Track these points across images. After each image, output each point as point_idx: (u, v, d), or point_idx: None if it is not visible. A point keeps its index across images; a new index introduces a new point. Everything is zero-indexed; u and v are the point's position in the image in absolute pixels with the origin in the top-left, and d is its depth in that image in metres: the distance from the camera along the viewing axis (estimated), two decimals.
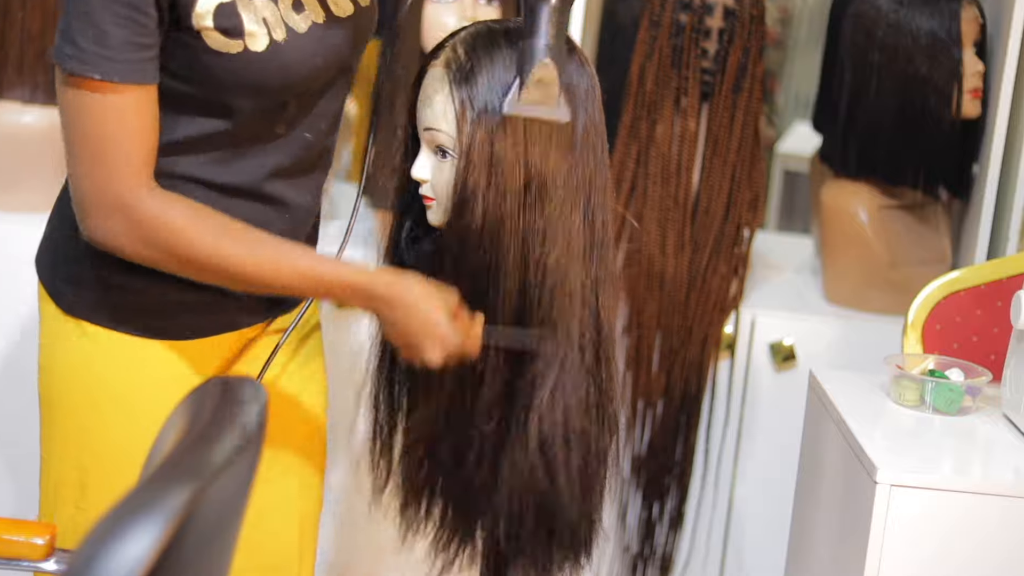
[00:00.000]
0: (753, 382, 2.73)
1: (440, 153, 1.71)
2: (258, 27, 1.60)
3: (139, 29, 1.54)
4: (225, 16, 1.58)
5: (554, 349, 1.73)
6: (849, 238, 2.78)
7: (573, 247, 1.72)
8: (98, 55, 1.54)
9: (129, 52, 1.54)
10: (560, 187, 1.70)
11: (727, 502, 2.77)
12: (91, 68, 1.54)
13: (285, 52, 1.63)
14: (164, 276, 1.67)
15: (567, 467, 1.77)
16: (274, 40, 1.61)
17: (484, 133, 1.67)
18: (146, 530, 0.97)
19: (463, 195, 1.69)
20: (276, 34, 1.62)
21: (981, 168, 2.68)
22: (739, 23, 2.65)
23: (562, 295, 1.72)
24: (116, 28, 1.53)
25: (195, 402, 1.27)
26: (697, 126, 2.68)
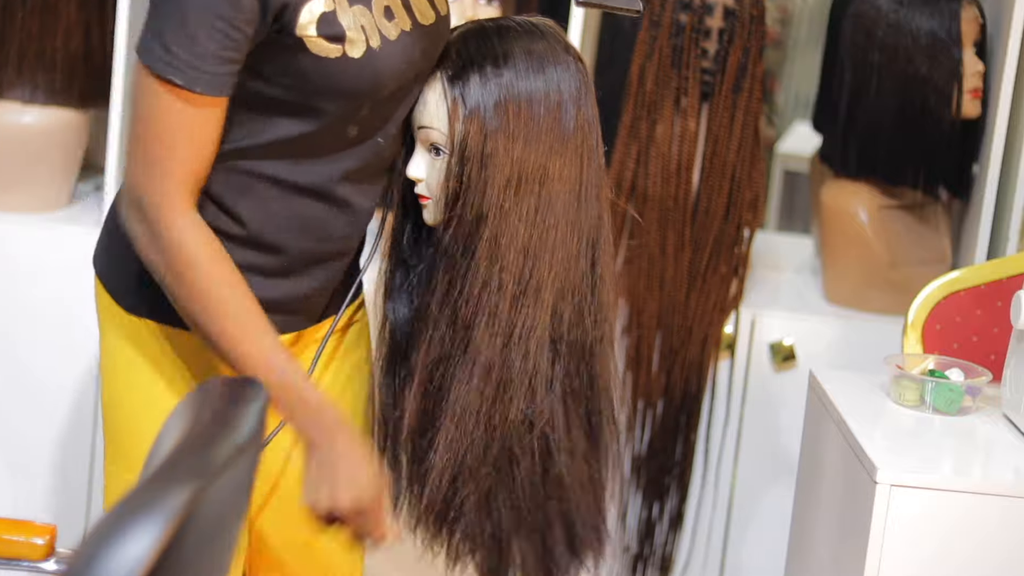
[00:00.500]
0: (753, 382, 2.73)
1: (434, 151, 1.72)
2: (357, 34, 1.62)
3: (230, 43, 1.55)
4: (327, 24, 1.60)
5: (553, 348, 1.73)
6: (849, 238, 2.78)
7: (568, 244, 1.72)
8: (187, 63, 1.55)
9: (216, 64, 1.56)
10: (553, 183, 1.70)
11: (727, 502, 2.77)
12: (176, 73, 1.55)
13: (379, 58, 1.64)
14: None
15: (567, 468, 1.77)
16: (370, 47, 1.63)
17: (476, 131, 1.67)
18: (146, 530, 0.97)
19: (456, 192, 1.69)
20: (372, 40, 1.63)
21: (981, 168, 2.68)
22: (739, 23, 2.65)
23: (559, 294, 1.72)
24: (209, 40, 1.54)
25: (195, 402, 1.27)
26: (697, 126, 2.68)
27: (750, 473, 2.75)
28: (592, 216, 1.74)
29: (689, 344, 2.69)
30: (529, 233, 1.70)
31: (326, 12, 1.59)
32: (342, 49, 1.61)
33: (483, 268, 1.70)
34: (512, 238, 1.70)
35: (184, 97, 1.57)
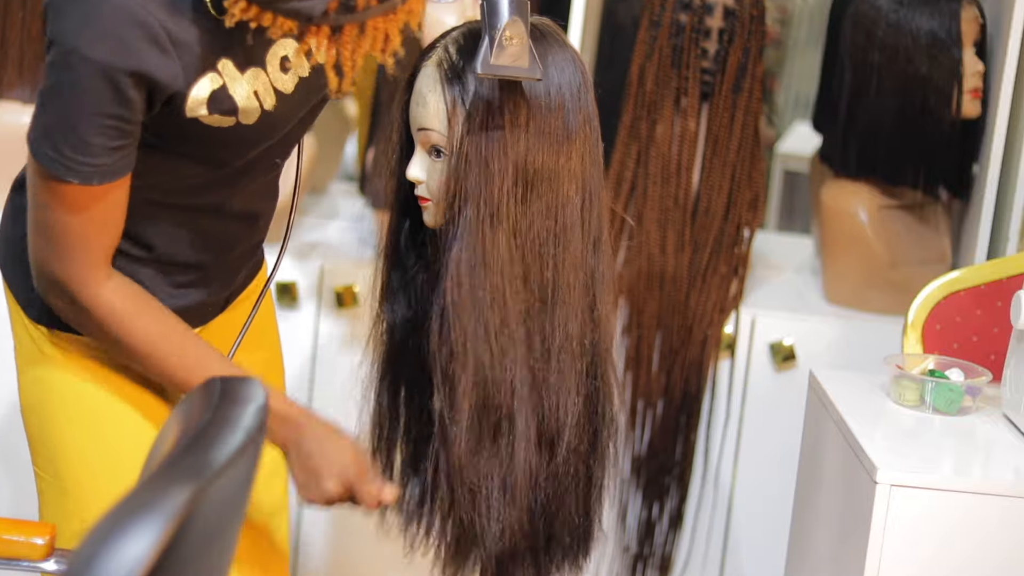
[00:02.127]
0: (753, 382, 2.73)
1: (434, 153, 1.71)
2: (250, 102, 1.60)
3: (119, 134, 1.53)
4: (218, 101, 1.58)
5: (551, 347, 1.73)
6: (849, 238, 2.78)
7: (569, 244, 1.72)
8: (79, 162, 1.53)
9: (109, 156, 1.54)
10: (560, 184, 1.70)
11: (727, 502, 2.77)
12: (71, 174, 1.53)
13: (273, 117, 1.64)
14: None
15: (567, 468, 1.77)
16: (265, 110, 1.62)
17: (476, 131, 1.67)
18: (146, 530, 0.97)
19: (459, 194, 1.69)
20: (267, 103, 1.62)
21: (981, 168, 2.68)
22: (739, 23, 2.65)
23: (559, 293, 1.72)
24: (99, 137, 1.52)
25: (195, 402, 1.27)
26: (697, 126, 2.68)
27: (750, 473, 2.75)
28: (595, 215, 1.74)
29: (689, 344, 2.69)
30: (537, 234, 1.70)
31: (216, 90, 1.57)
32: (235, 119, 1.61)
33: (490, 270, 1.70)
34: (520, 239, 1.70)
35: (85, 192, 1.55)
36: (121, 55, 1.48)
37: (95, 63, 1.47)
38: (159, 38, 1.49)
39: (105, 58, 1.47)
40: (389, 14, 1.45)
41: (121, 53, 1.48)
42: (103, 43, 1.47)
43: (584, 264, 1.74)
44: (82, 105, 1.50)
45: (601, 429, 1.80)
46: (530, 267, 1.71)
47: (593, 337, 1.76)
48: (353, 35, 1.46)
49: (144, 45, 1.48)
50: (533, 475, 1.77)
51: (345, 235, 2.94)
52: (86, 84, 1.48)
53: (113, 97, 1.49)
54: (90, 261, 1.60)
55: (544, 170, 1.69)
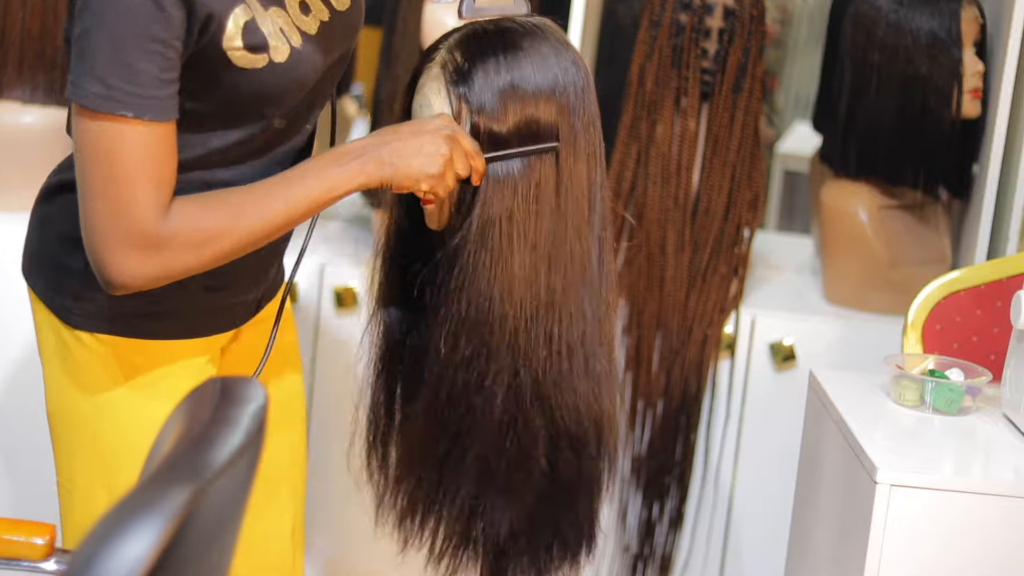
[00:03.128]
0: (753, 382, 2.73)
1: None
2: (278, 39, 1.62)
3: (167, 64, 1.53)
4: (251, 33, 1.59)
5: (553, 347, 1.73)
6: (849, 238, 2.78)
7: (572, 243, 1.72)
8: (131, 93, 1.52)
9: (159, 88, 1.53)
10: (568, 184, 1.70)
11: (727, 502, 2.77)
12: (124, 106, 1.52)
13: (302, 57, 1.64)
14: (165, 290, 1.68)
15: (566, 468, 1.77)
16: (293, 47, 1.63)
17: (484, 133, 1.67)
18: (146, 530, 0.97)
19: (464, 196, 1.69)
20: (294, 40, 1.63)
21: (981, 168, 2.68)
22: (739, 23, 2.65)
23: (563, 292, 1.72)
24: (147, 64, 1.51)
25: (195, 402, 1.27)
26: (697, 126, 2.68)
27: (750, 473, 2.75)
28: (599, 216, 1.74)
29: (689, 344, 2.69)
30: (545, 236, 1.70)
31: (248, 21, 1.58)
32: (267, 57, 1.61)
33: (496, 272, 1.69)
34: (516, 237, 1.70)
35: (137, 127, 1.54)
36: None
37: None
38: None
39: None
40: None
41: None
42: None
43: (588, 264, 1.74)
44: (126, 27, 1.50)
45: (601, 429, 1.80)
46: (535, 267, 1.71)
47: (594, 337, 1.76)
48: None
49: None
50: (533, 474, 1.77)
51: (345, 235, 2.94)
52: (128, 3, 1.49)
53: (156, 14, 1.50)
54: (155, 201, 1.56)
55: (555, 171, 1.69)
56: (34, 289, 1.79)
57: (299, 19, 1.65)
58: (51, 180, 1.79)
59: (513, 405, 1.74)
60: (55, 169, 1.81)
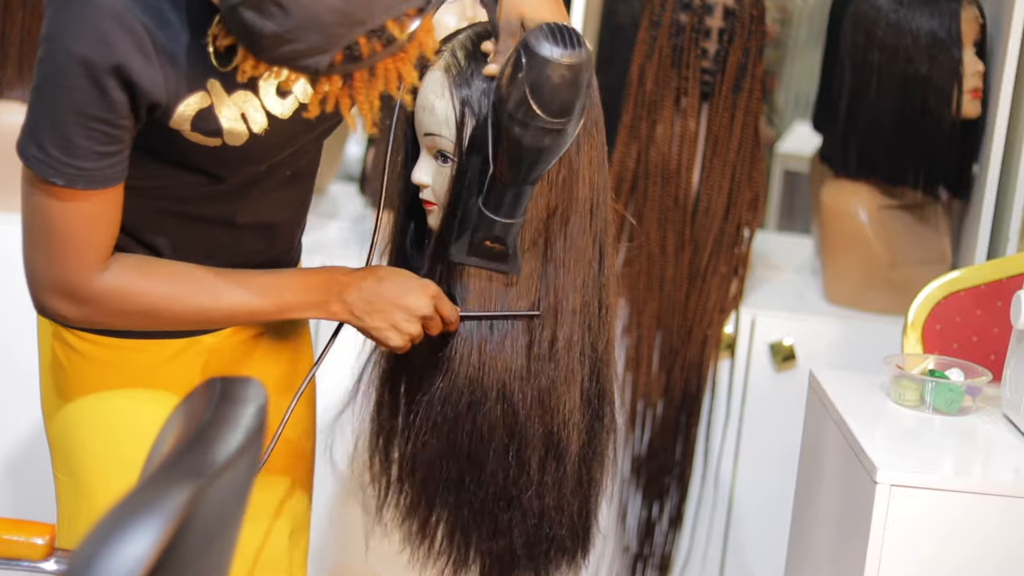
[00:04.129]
0: (753, 382, 2.73)
1: (440, 158, 1.70)
2: (237, 124, 1.58)
3: (108, 139, 1.51)
4: (203, 120, 1.56)
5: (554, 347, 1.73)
6: (849, 238, 2.78)
7: (584, 248, 1.72)
8: (64, 163, 1.51)
9: (96, 160, 1.52)
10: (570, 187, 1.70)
11: (727, 502, 2.77)
12: (57, 175, 1.52)
13: (265, 140, 1.61)
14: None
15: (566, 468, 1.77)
16: (253, 133, 1.60)
17: (484, 138, 1.66)
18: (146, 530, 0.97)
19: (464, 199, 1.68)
20: (255, 126, 1.60)
21: (981, 168, 2.68)
22: (739, 23, 2.65)
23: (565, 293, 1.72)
24: (85, 140, 1.50)
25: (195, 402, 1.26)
26: (697, 126, 2.68)
27: (750, 473, 2.75)
28: (601, 217, 1.74)
29: (689, 344, 2.69)
30: (548, 237, 1.70)
31: (202, 110, 1.55)
32: (221, 140, 1.59)
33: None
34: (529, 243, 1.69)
35: (70, 195, 1.54)
36: (101, 51, 1.47)
37: (77, 58, 1.47)
38: (142, 42, 1.48)
39: (86, 53, 1.46)
40: (398, 54, 1.43)
41: (102, 49, 1.47)
42: (85, 39, 1.47)
43: (589, 265, 1.74)
44: (67, 103, 1.49)
45: (600, 430, 1.80)
46: (547, 271, 1.70)
47: (595, 338, 1.76)
48: (364, 79, 1.43)
49: (126, 46, 1.47)
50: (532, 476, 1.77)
51: (345, 235, 2.93)
52: (70, 82, 1.48)
53: (97, 97, 1.48)
54: (86, 262, 1.59)
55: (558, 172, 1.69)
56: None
57: (272, 103, 1.60)
58: None
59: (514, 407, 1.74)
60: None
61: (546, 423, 1.74)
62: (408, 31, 1.41)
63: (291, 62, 1.39)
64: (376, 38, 1.39)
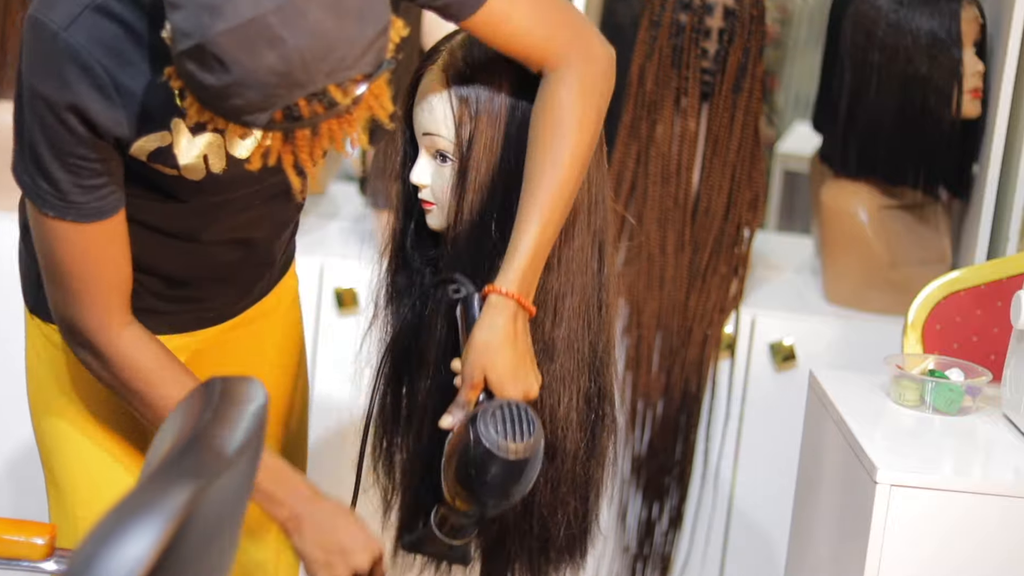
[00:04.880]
0: (753, 382, 2.73)
1: (439, 158, 1.70)
2: (196, 162, 1.58)
3: (89, 173, 1.51)
4: (160, 156, 1.56)
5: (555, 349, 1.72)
6: (849, 238, 2.78)
7: (585, 248, 1.72)
8: (52, 195, 1.51)
9: (82, 195, 1.52)
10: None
11: (727, 502, 2.77)
12: (47, 206, 1.52)
13: (224, 179, 1.60)
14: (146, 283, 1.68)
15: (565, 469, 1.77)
16: (211, 172, 1.59)
17: (488, 137, 1.66)
18: (146, 530, 0.97)
19: (467, 199, 1.68)
20: (215, 166, 1.59)
21: (981, 168, 2.68)
22: (739, 23, 2.65)
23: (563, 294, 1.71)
24: (66, 174, 1.50)
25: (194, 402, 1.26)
26: (697, 126, 2.68)
27: (750, 473, 2.75)
28: (601, 218, 1.74)
29: (689, 344, 2.69)
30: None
31: (161, 146, 1.55)
32: (178, 172, 1.58)
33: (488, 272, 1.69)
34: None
35: (67, 227, 1.53)
36: (59, 90, 1.47)
37: (40, 95, 1.47)
38: (101, 82, 1.48)
39: (49, 93, 1.47)
40: (343, 116, 1.40)
41: (60, 89, 1.47)
42: (45, 77, 1.47)
43: (589, 266, 1.73)
44: (42, 139, 1.49)
45: (601, 430, 1.79)
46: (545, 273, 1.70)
47: (595, 338, 1.75)
48: (307, 137, 1.41)
49: (83, 86, 1.47)
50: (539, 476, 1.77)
51: (345, 235, 2.93)
52: (40, 119, 1.48)
53: (66, 133, 1.48)
54: (99, 303, 1.58)
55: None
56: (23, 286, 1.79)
57: (235, 145, 1.59)
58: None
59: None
60: None
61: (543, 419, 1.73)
62: (352, 96, 1.38)
63: (230, 116, 1.38)
64: (317, 101, 1.37)
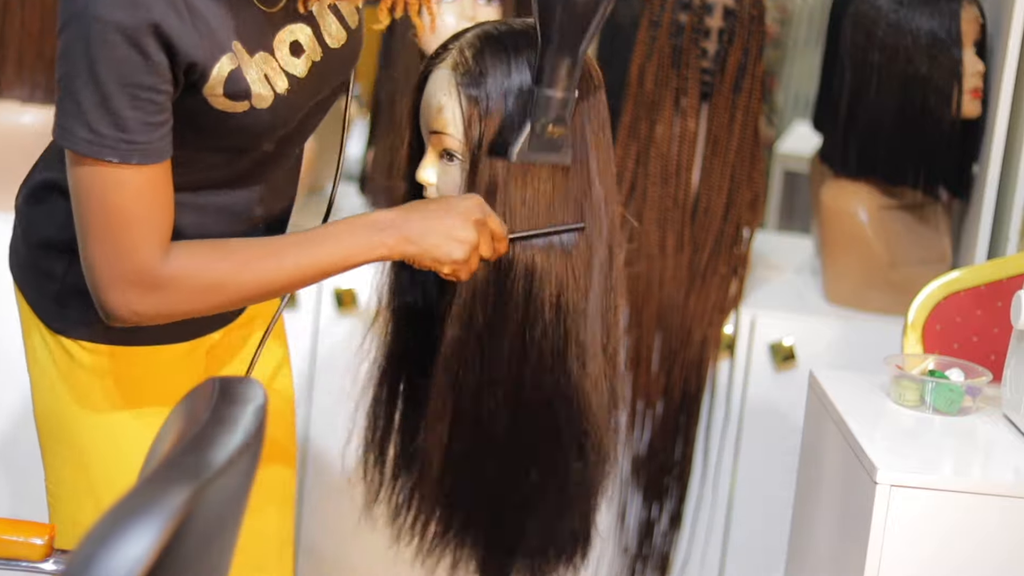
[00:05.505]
0: (753, 382, 2.73)
1: (447, 156, 1.70)
2: (262, 86, 1.58)
3: (155, 108, 1.50)
4: (234, 82, 1.56)
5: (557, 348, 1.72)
6: (849, 238, 2.78)
7: (582, 247, 1.72)
8: (117, 138, 1.49)
9: (147, 133, 1.51)
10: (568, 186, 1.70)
11: (727, 502, 2.77)
12: (112, 152, 1.50)
13: (286, 101, 1.61)
14: None
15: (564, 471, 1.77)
16: (278, 94, 1.60)
17: (493, 137, 1.66)
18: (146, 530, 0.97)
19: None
20: (279, 87, 1.60)
21: (981, 168, 2.68)
22: (739, 23, 2.65)
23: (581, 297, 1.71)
24: (133, 111, 1.49)
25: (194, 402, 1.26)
26: (697, 126, 2.68)
27: (750, 473, 2.75)
28: (608, 220, 1.74)
29: (689, 344, 2.69)
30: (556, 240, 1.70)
31: (233, 71, 1.55)
32: (249, 104, 1.58)
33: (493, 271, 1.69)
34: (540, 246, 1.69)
35: (126, 171, 1.52)
36: (136, 12, 1.45)
37: (113, 25, 1.45)
38: (176, 2, 1.48)
39: (121, 18, 1.45)
40: None
41: (136, 11, 1.45)
42: (117, 4, 1.45)
43: (601, 268, 1.73)
44: (112, 75, 1.47)
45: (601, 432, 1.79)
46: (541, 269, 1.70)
47: (604, 340, 1.75)
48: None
49: (160, 5, 1.47)
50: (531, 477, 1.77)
51: None
52: (112, 52, 1.46)
53: (142, 62, 1.47)
54: (151, 245, 1.55)
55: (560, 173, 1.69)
56: (21, 290, 1.77)
57: (288, 63, 1.60)
58: (35, 177, 1.76)
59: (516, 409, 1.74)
60: (38, 162, 1.78)
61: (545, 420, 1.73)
62: None
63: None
64: None
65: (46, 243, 1.71)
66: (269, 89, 1.59)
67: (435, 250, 1.64)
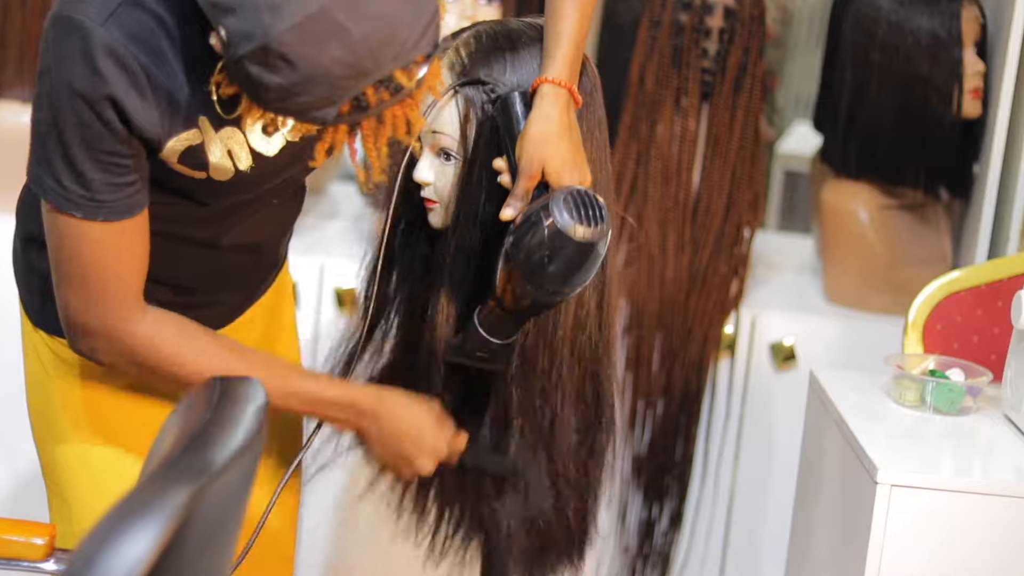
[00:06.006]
0: (753, 382, 2.73)
1: (443, 156, 1.70)
2: (223, 161, 1.56)
3: (121, 170, 1.50)
4: (191, 155, 1.55)
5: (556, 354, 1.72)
6: (849, 238, 2.78)
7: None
8: (82, 196, 1.50)
9: (114, 192, 1.50)
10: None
11: (727, 502, 2.77)
12: (75, 208, 1.50)
13: (251, 176, 1.60)
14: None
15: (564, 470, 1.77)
16: (239, 170, 1.58)
17: (489, 136, 1.66)
18: (146, 530, 0.97)
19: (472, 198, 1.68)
20: (241, 164, 1.58)
21: (981, 168, 2.68)
22: (739, 23, 2.65)
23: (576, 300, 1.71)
24: (99, 173, 1.49)
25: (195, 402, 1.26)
26: (697, 126, 2.68)
27: (750, 473, 2.75)
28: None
29: (689, 344, 2.69)
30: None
31: (192, 145, 1.54)
32: (206, 174, 1.57)
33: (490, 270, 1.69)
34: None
35: (92, 227, 1.51)
36: (96, 84, 1.45)
37: (76, 92, 1.45)
38: (138, 81, 1.47)
39: (84, 87, 1.45)
40: (405, 101, 1.40)
41: (96, 82, 1.45)
42: (84, 74, 1.45)
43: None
44: (75, 137, 1.48)
45: (600, 430, 1.79)
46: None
47: (595, 338, 1.75)
48: (372, 127, 1.41)
49: (121, 82, 1.46)
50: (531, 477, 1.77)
51: (345, 235, 2.93)
52: (75, 116, 1.46)
53: (103, 130, 1.47)
54: (121, 294, 1.56)
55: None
56: (17, 286, 1.78)
57: (259, 141, 1.58)
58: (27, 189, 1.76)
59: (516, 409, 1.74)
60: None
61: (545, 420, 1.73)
62: (416, 79, 1.39)
63: (297, 114, 1.38)
64: (384, 88, 1.37)
65: (32, 237, 1.70)
66: (230, 164, 1.57)
67: (391, 462, 1.73)
